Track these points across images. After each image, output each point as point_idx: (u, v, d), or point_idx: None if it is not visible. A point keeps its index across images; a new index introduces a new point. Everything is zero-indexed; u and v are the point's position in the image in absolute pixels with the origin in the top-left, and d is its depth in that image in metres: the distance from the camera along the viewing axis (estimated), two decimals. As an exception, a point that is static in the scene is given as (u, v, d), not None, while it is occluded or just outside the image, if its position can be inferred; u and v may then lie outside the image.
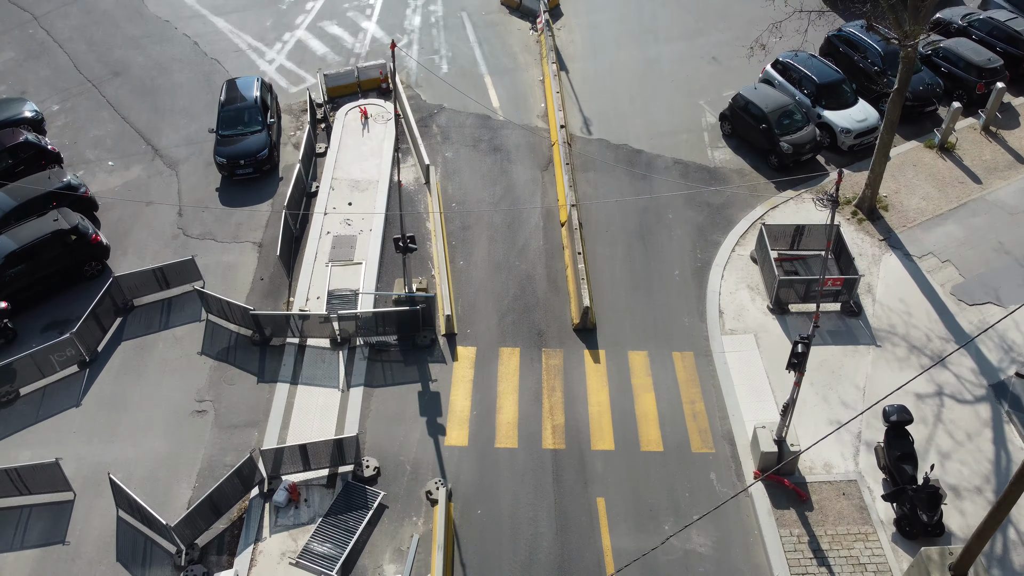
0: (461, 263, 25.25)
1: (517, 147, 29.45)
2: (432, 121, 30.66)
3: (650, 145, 29.42)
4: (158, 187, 28.28)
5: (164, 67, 33.80)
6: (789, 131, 27.96)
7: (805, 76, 29.59)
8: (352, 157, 28.69)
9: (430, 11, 36.99)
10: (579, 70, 33.06)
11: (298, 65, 33.68)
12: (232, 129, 28.17)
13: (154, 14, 37.02)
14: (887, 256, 25.10)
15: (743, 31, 34.90)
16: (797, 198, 27.35)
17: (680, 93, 31.80)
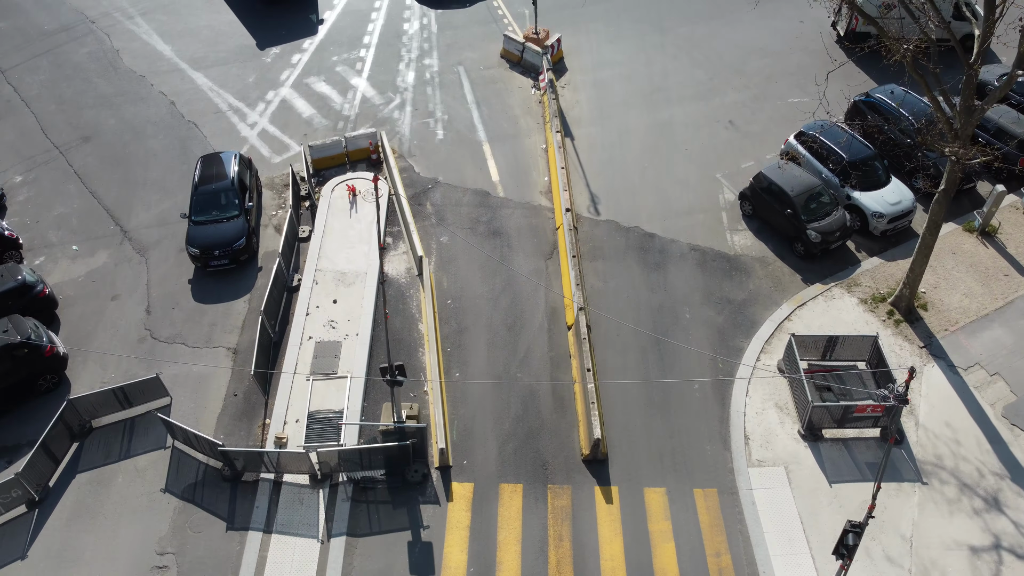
0: (457, 374, 22.78)
1: (518, 230, 26.97)
2: (426, 198, 28.17)
3: (664, 227, 26.95)
4: (125, 278, 25.79)
5: (138, 131, 31.29)
6: (816, 216, 25.50)
7: (833, 152, 27.10)
8: (338, 243, 26.21)
9: (424, 65, 34.48)
10: (585, 136, 30.57)
11: (282, 130, 31.18)
12: (206, 214, 25.69)
13: (129, 68, 34.52)
14: (929, 368, 22.64)
15: (760, 89, 32.50)
16: (826, 293, 24.86)
17: (695, 164, 29.32)
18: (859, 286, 25.02)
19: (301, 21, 37.31)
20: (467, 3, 38.07)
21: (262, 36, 36.10)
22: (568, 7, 37.73)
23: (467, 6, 37.86)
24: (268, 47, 35.50)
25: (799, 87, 32.56)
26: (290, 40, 35.94)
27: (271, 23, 37.11)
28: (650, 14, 37.29)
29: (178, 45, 35.82)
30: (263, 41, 35.82)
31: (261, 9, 37.82)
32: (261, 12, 37.68)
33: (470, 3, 38.07)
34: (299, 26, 36.91)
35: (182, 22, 37.32)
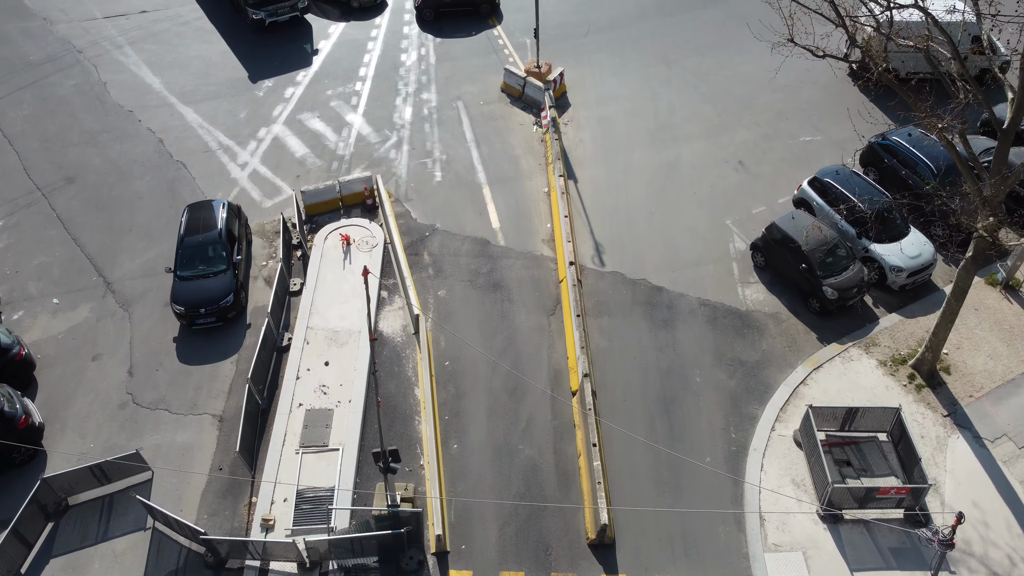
0: (455, 446, 21.56)
1: (520, 282, 25.76)
2: (423, 247, 26.96)
3: (672, 280, 25.74)
4: (107, 335, 24.58)
5: (124, 171, 30.08)
6: (833, 271, 24.29)
7: (848, 200, 25.86)
8: (331, 297, 25.00)
9: (422, 100, 33.27)
10: (589, 179, 29.36)
11: (274, 171, 29.96)
12: (192, 269, 24.48)
13: (116, 102, 33.30)
14: (954, 439, 21.43)
15: (771, 127, 31.31)
16: (844, 355, 23.64)
17: (704, 210, 28.10)
18: (878, 346, 23.82)
19: (295, 51, 36.12)
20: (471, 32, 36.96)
21: (254, 67, 34.92)
22: (571, 37, 36.55)
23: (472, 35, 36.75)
24: (260, 79, 34.31)
25: (811, 124, 31.39)
26: (284, 72, 34.74)
27: (264, 52, 35.93)
28: (655, 44, 36.10)
29: (168, 77, 34.62)
30: (255, 73, 34.63)
31: (254, 38, 36.64)
32: (254, 41, 36.50)
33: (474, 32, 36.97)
34: (293, 56, 35.74)
35: (172, 52, 36.12)
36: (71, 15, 38.61)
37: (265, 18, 36.16)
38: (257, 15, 35.99)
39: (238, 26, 37.35)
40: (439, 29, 37.03)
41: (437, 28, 37.07)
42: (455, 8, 37.42)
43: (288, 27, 37.27)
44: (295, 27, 37.44)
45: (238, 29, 37.23)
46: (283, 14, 36.50)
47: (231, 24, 37.54)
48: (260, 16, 36.09)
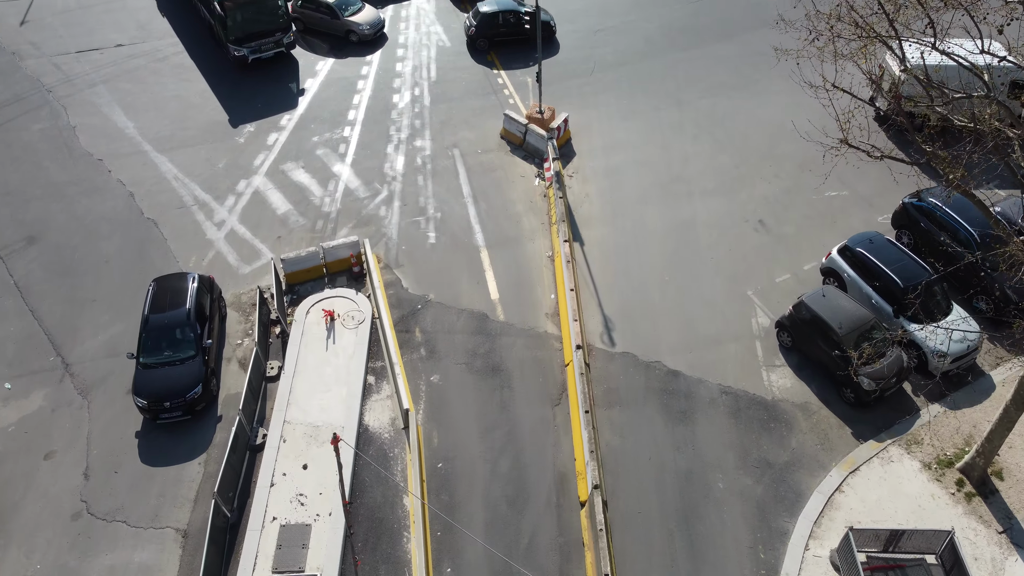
0: (448, 570, 19.08)
1: (521, 366, 23.30)
2: (415, 323, 24.49)
3: (689, 363, 23.27)
4: (63, 428, 22.11)
5: (90, 231, 27.61)
6: (870, 358, 21.77)
7: (884, 274, 23.41)
8: (312, 385, 22.53)
9: (415, 148, 30.80)
10: (596, 240, 26.90)
11: (253, 231, 27.48)
12: (156, 355, 22.04)
13: (85, 150, 30.83)
14: (1012, 562, 18.99)
15: (793, 180, 28.86)
16: (882, 454, 21.18)
17: (722, 277, 25.64)
18: (920, 444, 21.37)
19: (281, 91, 33.68)
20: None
21: (235, 109, 32.49)
22: (575, 76, 34.14)
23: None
24: (241, 124, 31.86)
25: (836, 177, 28.75)
26: (267, 115, 32.28)
27: (246, 92, 33.50)
28: (666, 84, 33.66)
29: (142, 121, 32.16)
30: (236, 116, 32.20)
31: (236, 76, 34.18)
32: (236, 79, 34.08)
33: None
34: (278, 97, 33.31)
35: (147, 92, 33.67)
36: (42, 49, 36.21)
37: (248, 55, 33.73)
38: (239, 52, 33.54)
39: (220, 62, 34.94)
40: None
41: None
42: (509, 38, 35.18)
43: (273, 64, 34.84)
44: (280, 64, 35.02)
45: (219, 66, 34.82)
46: (267, 50, 34.09)
47: (212, 60, 35.15)
48: (243, 53, 33.64)
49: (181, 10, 38.18)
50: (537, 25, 28.55)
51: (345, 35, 36.21)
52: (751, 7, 37.94)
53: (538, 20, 28.50)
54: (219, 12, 32.74)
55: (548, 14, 35.79)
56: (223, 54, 34.74)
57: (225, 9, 32.51)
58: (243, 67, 34.27)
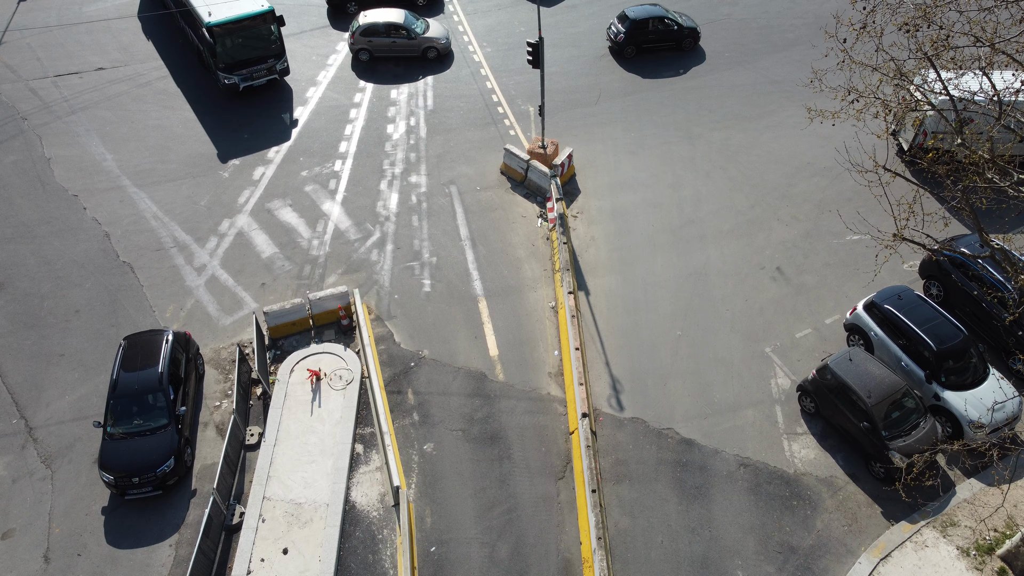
0: (441, 675, 17.27)
1: (522, 433, 21.51)
2: (407, 383, 22.69)
3: (704, 431, 21.49)
4: (23, 502, 20.31)
5: (60, 277, 25.80)
6: (901, 431, 20.07)
7: (914, 335, 21.63)
8: (295, 455, 20.72)
9: (410, 184, 29.01)
10: (603, 290, 25.11)
11: (236, 277, 25.67)
12: (125, 424, 20.26)
13: (60, 184, 29.03)
14: (1064, 670, 17.13)
15: (812, 222, 27.11)
16: (916, 538, 19.38)
17: (739, 333, 23.85)
18: (956, 526, 19.58)
19: (272, 121, 31.87)
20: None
21: (221, 142, 30.70)
22: (580, 105, 32.37)
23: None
24: (228, 158, 30.03)
25: (858, 218, 27.04)
26: (255, 149, 30.46)
27: (234, 122, 31.74)
28: (676, 115, 31.90)
29: (121, 153, 30.36)
30: (223, 150, 30.39)
31: (223, 104, 32.38)
32: (223, 107, 32.27)
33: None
34: (269, 128, 31.47)
35: (128, 122, 31.88)
36: (19, 72, 34.41)
37: (239, 83, 31.89)
38: (230, 80, 31.74)
39: (207, 89, 33.14)
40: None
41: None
42: (657, 44, 34.14)
43: (264, 91, 33.04)
44: (272, 91, 33.21)
45: (206, 93, 33.02)
46: (260, 77, 32.26)
47: (198, 87, 33.36)
48: (233, 81, 31.81)
49: (168, 34, 36.38)
50: (540, 56, 26.74)
51: (423, 53, 34.67)
52: (764, 31, 36.25)
53: (540, 50, 26.67)
54: (208, 39, 30.88)
55: (692, 20, 35.10)
56: (213, 81, 32.92)
57: (214, 35, 30.67)
58: (234, 96, 32.47)
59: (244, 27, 31.04)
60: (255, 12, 31.11)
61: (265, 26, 31.46)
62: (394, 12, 34.35)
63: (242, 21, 30.90)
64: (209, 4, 31.42)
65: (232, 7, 31.16)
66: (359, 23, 34.04)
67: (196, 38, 33.06)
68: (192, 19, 32.45)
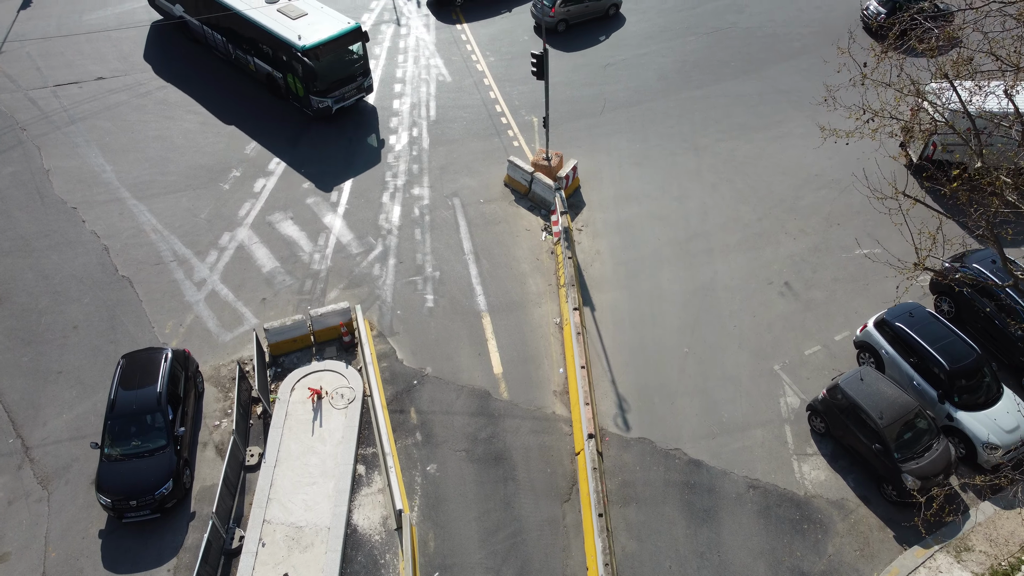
0: None
1: (526, 453, 21.13)
2: (410, 402, 22.31)
3: (712, 451, 21.10)
4: (19, 525, 19.95)
5: (58, 292, 25.45)
6: (913, 452, 19.67)
7: (926, 353, 21.23)
8: (296, 476, 20.35)
9: (413, 196, 28.66)
10: (609, 306, 24.74)
11: (236, 292, 25.32)
12: (123, 445, 19.90)
13: (59, 197, 28.71)
14: None
15: (820, 235, 26.73)
16: (929, 563, 18.97)
17: (747, 350, 23.46)
18: (971, 551, 19.18)
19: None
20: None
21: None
22: (584, 115, 32.02)
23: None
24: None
25: (867, 232, 26.74)
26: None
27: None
28: (681, 125, 31.53)
29: (120, 164, 30.04)
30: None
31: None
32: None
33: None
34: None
35: (128, 132, 31.57)
36: (19, 81, 34.12)
37: (332, 105, 30.97)
38: (323, 103, 30.74)
39: (273, 118, 31.99)
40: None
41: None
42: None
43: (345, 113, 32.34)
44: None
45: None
46: (350, 97, 31.54)
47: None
48: (326, 104, 30.80)
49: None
50: (544, 67, 26.39)
51: (606, 12, 36.93)
52: (770, 40, 35.90)
53: (545, 61, 26.33)
54: (304, 63, 29.37)
55: None
56: (296, 107, 32.02)
57: (310, 59, 29.26)
58: (325, 119, 31.67)
59: (337, 47, 29.93)
60: (346, 30, 30.08)
61: (355, 43, 30.60)
62: None
63: (335, 41, 29.80)
64: (288, 27, 30.09)
65: (320, 28, 29.96)
66: None
67: (272, 65, 31.47)
68: (267, 45, 30.96)
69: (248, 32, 31.63)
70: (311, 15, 30.78)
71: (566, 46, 35.63)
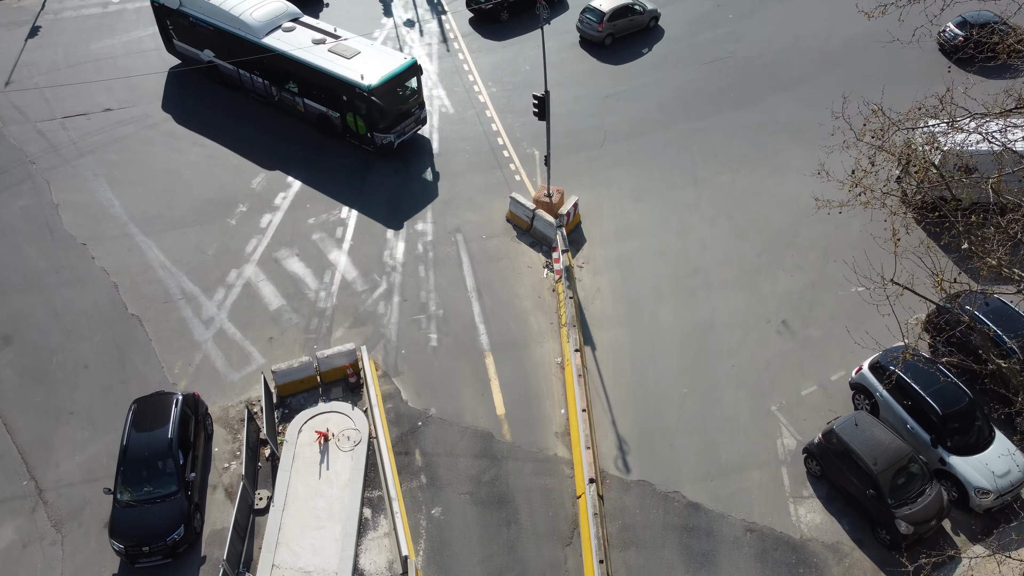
0: None
1: (529, 495, 21.63)
2: (415, 443, 22.81)
3: (710, 493, 21.60)
4: (33, 567, 20.52)
5: (69, 329, 25.96)
6: (907, 497, 20.17)
7: (919, 398, 21.70)
8: (304, 520, 20.85)
9: (417, 231, 29.15)
10: (609, 344, 25.23)
11: (243, 331, 25.82)
12: (135, 491, 20.42)
13: (68, 232, 29.21)
14: None
15: (817, 272, 27.21)
16: (923, 608, 19.38)
17: (744, 390, 23.95)
18: (963, 595, 19.62)
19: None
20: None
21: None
22: (585, 148, 32.49)
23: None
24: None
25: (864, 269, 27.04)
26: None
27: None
28: (681, 158, 32.00)
29: (128, 198, 30.53)
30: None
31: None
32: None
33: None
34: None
35: (136, 164, 32.07)
36: (27, 113, 34.63)
37: (395, 140, 31.40)
38: (386, 139, 31.11)
39: (324, 157, 32.33)
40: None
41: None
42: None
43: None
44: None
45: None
46: (410, 131, 32.06)
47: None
48: (389, 139, 31.13)
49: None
50: (546, 109, 26.86)
51: (647, 25, 38.78)
52: (768, 68, 36.33)
53: (547, 103, 26.79)
54: (371, 102, 29.68)
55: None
56: (340, 145, 32.33)
57: (376, 97, 29.59)
58: (388, 155, 31.96)
59: (398, 83, 30.30)
60: (405, 66, 30.43)
61: (413, 78, 30.99)
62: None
63: (397, 78, 30.16)
64: (347, 67, 30.25)
65: (379, 66, 30.17)
66: (603, 10, 36.84)
67: (327, 104, 31.58)
68: (322, 86, 31.07)
69: (299, 74, 31.60)
70: (364, 53, 31.01)
71: (566, 77, 36.01)
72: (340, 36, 32.19)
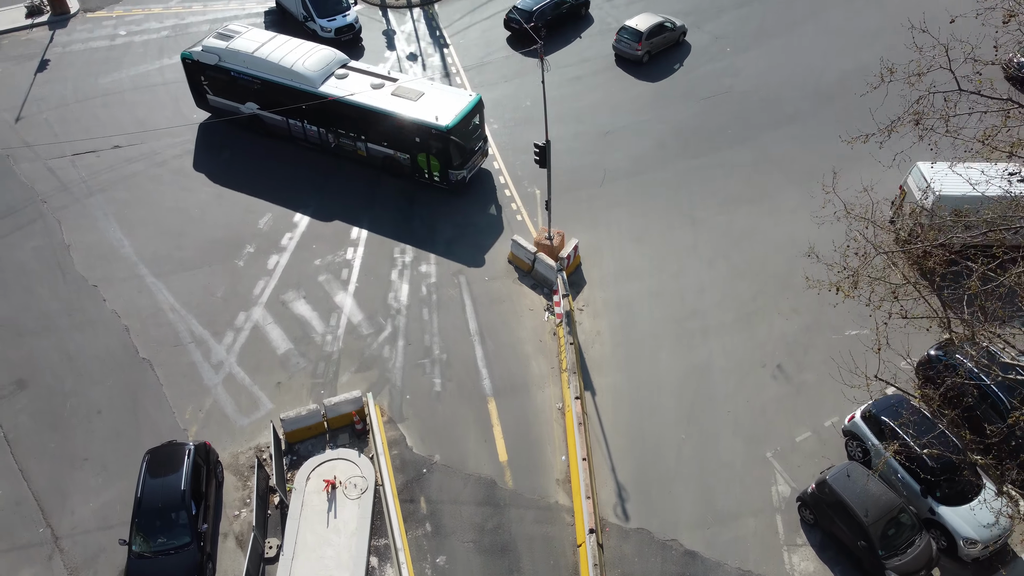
0: None
1: (531, 544, 22.29)
2: (420, 491, 23.47)
3: (707, 541, 22.26)
4: (51, 617, 21.10)
5: (81, 373, 26.63)
6: (897, 548, 20.85)
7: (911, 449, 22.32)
8: (312, 569, 21.53)
9: (420, 274, 29.79)
10: (609, 390, 25.88)
11: (252, 375, 26.48)
12: (151, 542, 21.05)
13: (80, 273, 29.87)
14: None
15: (812, 316, 27.85)
16: (912, 657, 20.07)
17: (740, 437, 24.62)
18: (952, 645, 20.29)
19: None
20: None
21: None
22: (585, 185, 33.14)
23: None
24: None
25: (858, 312, 27.61)
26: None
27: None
28: (679, 196, 32.65)
29: (138, 238, 31.19)
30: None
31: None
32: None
33: None
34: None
35: (145, 202, 32.75)
36: (37, 150, 35.28)
37: (467, 175, 32.34)
38: (459, 175, 31.89)
39: (390, 198, 32.90)
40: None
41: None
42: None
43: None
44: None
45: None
46: (477, 164, 33.08)
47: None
48: (462, 175, 32.02)
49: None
50: (547, 157, 27.52)
51: (678, 41, 40.74)
52: (765, 104, 36.95)
53: (548, 152, 27.44)
54: (449, 141, 30.42)
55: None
56: (431, 183, 32.77)
57: (453, 136, 30.42)
58: (459, 190, 32.63)
59: (469, 120, 31.17)
60: (474, 102, 31.36)
61: (478, 114, 31.74)
62: (650, 16, 39.79)
63: (469, 115, 31.01)
64: (417, 110, 30.77)
65: (449, 105, 30.88)
66: (640, 30, 38.77)
67: (395, 147, 32.04)
68: (390, 129, 31.44)
69: (362, 119, 31.82)
70: (428, 93, 31.60)
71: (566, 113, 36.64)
72: (395, 78, 32.64)
